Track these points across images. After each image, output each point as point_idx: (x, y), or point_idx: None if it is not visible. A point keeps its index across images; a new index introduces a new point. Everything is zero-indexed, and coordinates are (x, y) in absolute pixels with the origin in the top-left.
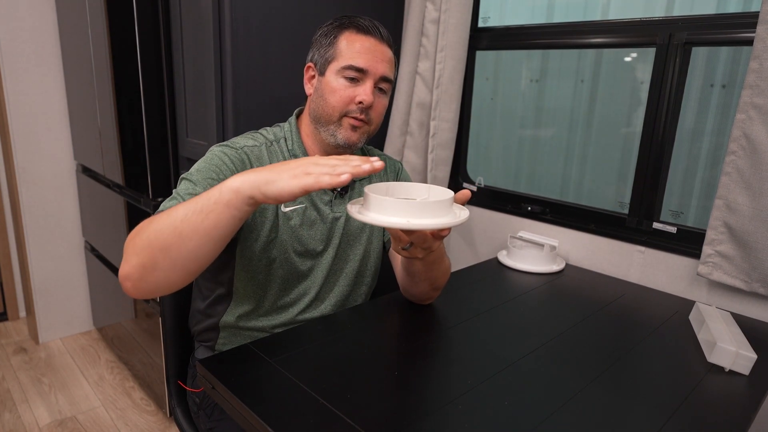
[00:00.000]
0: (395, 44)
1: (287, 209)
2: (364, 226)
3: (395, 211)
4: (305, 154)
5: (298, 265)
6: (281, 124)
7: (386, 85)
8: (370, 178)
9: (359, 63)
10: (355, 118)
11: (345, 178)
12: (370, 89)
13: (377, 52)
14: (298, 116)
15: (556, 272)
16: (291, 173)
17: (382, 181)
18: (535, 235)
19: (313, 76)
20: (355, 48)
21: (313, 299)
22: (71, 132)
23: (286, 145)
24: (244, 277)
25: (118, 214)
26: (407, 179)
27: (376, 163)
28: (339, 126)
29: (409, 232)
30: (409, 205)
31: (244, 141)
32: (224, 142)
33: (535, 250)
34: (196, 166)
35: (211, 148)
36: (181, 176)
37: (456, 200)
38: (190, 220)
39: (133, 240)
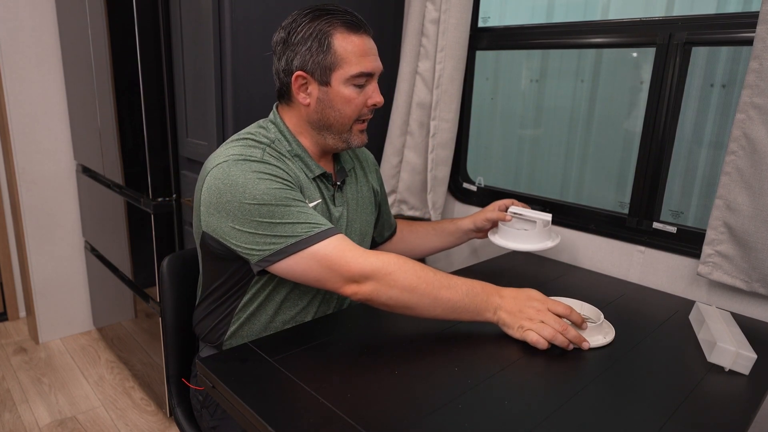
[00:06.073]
0: (395, 44)
1: (311, 204)
2: (361, 222)
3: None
4: (306, 153)
5: None
6: (264, 125)
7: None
8: (356, 175)
9: (368, 68)
10: (363, 121)
11: (569, 346)
12: (378, 90)
13: (373, 49)
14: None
15: (550, 248)
16: (529, 323)
17: (362, 176)
18: (527, 210)
19: (304, 84)
20: (356, 51)
21: (320, 302)
22: (71, 132)
23: (286, 147)
24: (260, 281)
25: (118, 214)
26: (376, 166)
27: (584, 344)
28: (350, 133)
29: None
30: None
31: (249, 151)
32: (232, 156)
33: (528, 225)
34: (255, 193)
35: (230, 172)
36: (250, 210)
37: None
38: (441, 314)
39: (404, 285)
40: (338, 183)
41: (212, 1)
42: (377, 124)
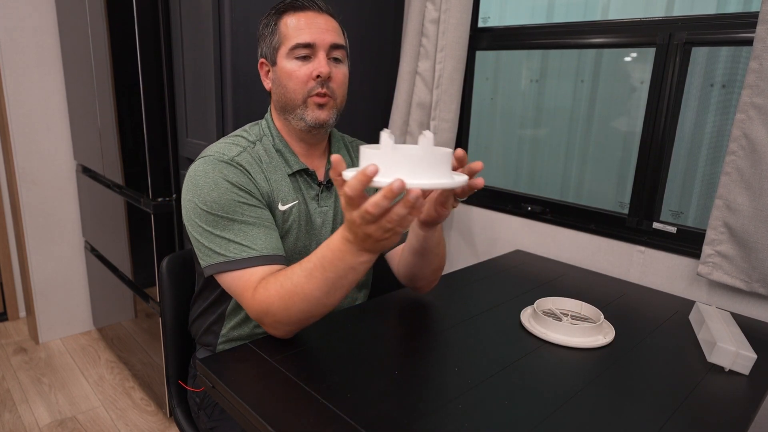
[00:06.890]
0: (395, 44)
1: (284, 207)
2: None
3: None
4: (287, 148)
5: None
6: (260, 122)
7: (340, 53)
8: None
9: (304, 38)
10: (318, 95)
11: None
12: (323, 60)
13: (319, 23)
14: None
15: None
16: (388, 241)
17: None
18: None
19: (268, 71)
20: (296, 26)
21: None
22: (71, 132)
23: (270, 142)
24: None
25: (118, 214)
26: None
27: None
28: (305, 108)
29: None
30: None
31: (228, 150)
32: (210, 154)
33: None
34: (206, 198)
35: (198, 169)
36: (200, 214)
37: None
38: (335, 296)
39: (276, 317)
40: (324, 183)
41: (212, 1)
42: (377, 123)
